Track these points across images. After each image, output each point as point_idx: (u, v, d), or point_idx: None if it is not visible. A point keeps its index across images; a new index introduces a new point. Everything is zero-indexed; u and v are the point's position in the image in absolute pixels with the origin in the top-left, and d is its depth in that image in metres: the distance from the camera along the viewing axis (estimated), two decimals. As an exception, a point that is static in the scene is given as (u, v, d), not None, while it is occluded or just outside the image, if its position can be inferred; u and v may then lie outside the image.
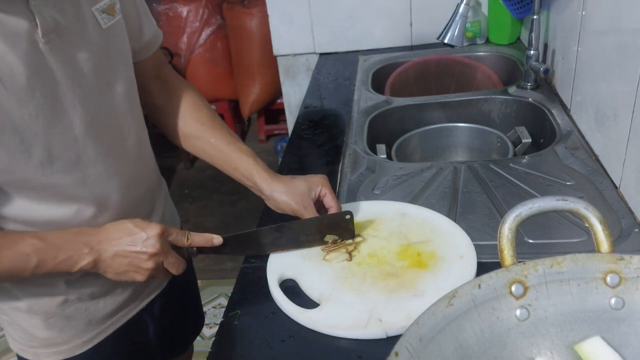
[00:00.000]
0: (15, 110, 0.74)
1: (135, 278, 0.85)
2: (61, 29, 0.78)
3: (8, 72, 0.73)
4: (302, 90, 1.98)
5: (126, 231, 0.83)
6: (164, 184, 1.12)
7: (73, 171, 0.84)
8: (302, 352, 0.82)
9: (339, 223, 0.97)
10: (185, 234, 0.88)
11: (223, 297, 2.46)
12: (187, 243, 0.88)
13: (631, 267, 0.60)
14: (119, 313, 1.01)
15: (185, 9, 3.21)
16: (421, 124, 1.56)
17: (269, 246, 0.97)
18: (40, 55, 0.76)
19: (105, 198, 0.89)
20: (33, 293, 0.91)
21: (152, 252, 0.83)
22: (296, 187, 0.97)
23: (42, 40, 0.76)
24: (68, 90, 0.80)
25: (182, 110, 1.04)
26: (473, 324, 0.60)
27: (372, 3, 1.98)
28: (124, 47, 0.90)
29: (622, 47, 1.05)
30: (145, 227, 0.84)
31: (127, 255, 0.83)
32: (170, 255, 0.86)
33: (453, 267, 0.90)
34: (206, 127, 1.03)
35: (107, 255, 0.83)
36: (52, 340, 0.95)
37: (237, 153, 1.01)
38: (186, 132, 1.03)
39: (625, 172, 1.04)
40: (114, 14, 0.86)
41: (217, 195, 3.20)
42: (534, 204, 0.64)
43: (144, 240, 0.83)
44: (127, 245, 0.83)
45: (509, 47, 1.88)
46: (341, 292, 0.88)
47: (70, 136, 0.82)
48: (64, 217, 0.86)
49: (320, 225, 0.96)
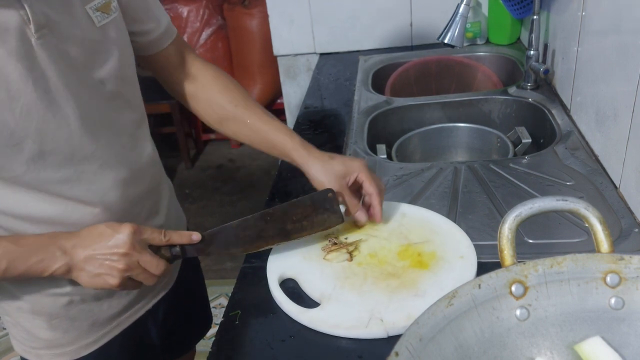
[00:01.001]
0: (5, 104, 0.74)
1: (109, 281, 0.82)
2: (53, 25, 0.78)
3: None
4: (303, 91, 1.98)
5: (98, 234, 0.81)
6: (169, 183, 1.11)
7: (67, 167, 0.83)
8: (302, 352, 0.82)
9: (322, 204, 0.93)
10: (162, 232, 0.84)
11: (223, 297, 2.46)
12: (165, 240, 0.84)
13: (631, 267, 0.60)
14: (124, 314, 1.00)
15: (185, 9, 3.22)
16: (421, 124, 1.56)
17: (256, 240, 0.92)
18: (32, 50, 0.76)
19: (103, 195, 0.89)
20: (36, 294, 0.90)
21: (123, 252, 0.80)
22: (332, 168, 0.96)
23: (34, 36, 0.75)
24: (62, 86, 0.80)
25: (213, 94, 1.03)
26: (473, 323, 0.60)
27: (373, 3, 1.98)
28: (121, 44, 0.90)
29: (622, 47, 1.05)
30: (117, 227, 0.81)
31: (99, 258, 0.80)
32: (145, 254, 0.82)
33: (454, 267, 0.90)
34: (240, 108, 1.02)
35: (80, 258, 0.80)
36: (56, 341, 0.95)
37: (274, 131, 1.00)
38: (222, 115, 1.03)
39: (625, 172, 1.04)
40: (109, 12, 0.86)
41: (217, 195, 3.20)
42: (534, 204, 0.64)
43: (115, 241, 0.80)
44: (99, 247, 0.80)
45: (509, 47, 1.88)
46: (342, 291, 0.88)
47: (65, 132, 0.82)
48: (60, 213, 0.85)
49: (304, 209, 0.93)
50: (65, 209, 0.86)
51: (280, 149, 1.01)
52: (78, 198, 0.86)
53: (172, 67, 1.03)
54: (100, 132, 0.87)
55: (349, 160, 0.98)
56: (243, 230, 0.92)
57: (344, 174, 0.96)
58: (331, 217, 0.94)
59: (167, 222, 1.04)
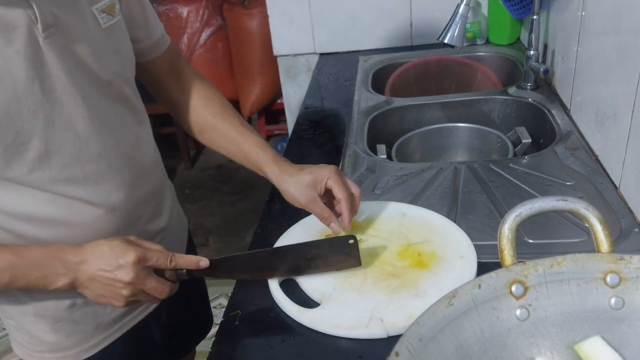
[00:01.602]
0: (12, 103, 0.74)
1: (113, 303, 0.82)
2: (61, 24, 0.78)
3: (3, 65, 0.72)
4: (303, 91, 1.98)
5: (102, 255, 0.80)
6: (171, 185, 1.11)
7: (72, 167, 0.83)
8: (302, 352, 0.82)
9: (342, 248, 0.90)
10: (168, 257, 0.82)
11: (223, 297, 2.46)
12: (171, 266, 0.83)
13: (631, 267, 0.60)
14: (127, 317, 1.00)
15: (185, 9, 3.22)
16: (421, 124, 1.56)
17: (264, 271, 0.91)
18: (40, 49, 0.76)
19: (108, 196, 0.89)
20: (40, 297, 0.90)
21: (127, 281, 0.79)
22: (302, 179, 0.95)
23: (42, 35, 0.75)
24: (69, 86, 0.80)
25: (195, 104, 1.04)
26: (473, 323, 0.60)
27: (373, 3, 1.98)
28: (123, 47, 0.90)
29: (622, 47, 1.05)
30: (120, 253, 0.79)
31: (102, 281, 0.80)
32: (150, 281, 0.81)
33: (454, 267, 0.90)
34: (218, 118, 1.02)
35: (84, 277, 0.80)
36: (60, 344, 0.94)
37: (248, 144, 1.00)
38: (201, 124, 1.04)
39: (625, 172, 1.04)
40: (113, 14, 0.86)
41: (217, 196, 3.20)
42: (534, 204, 0.64)
43: (118, 268, 0.78)
44: (102, 270, 0.79)
45: (508, 47, 1.88)
46: (342, 291, 0.88)
47: (71, 132, 0.82)
48: (64, 214, 0.85)
49: (320, 250, 0.90)
50: (69, 210, 0.85)
51: (253, 162, 1.00)
52: (82, 198, 0.86)
53: (162, 74, 1.03)
54: (106, 133, 0.87)
55: (317, 168, 0.96)
56: (253, 262, 0.91)
57: (314, 184, 0.94)
58: (348, 260, 0.91)
59: (169, 224, 1.05)
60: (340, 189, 0.94)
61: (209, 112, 1.03)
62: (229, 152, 1.03)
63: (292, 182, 0.95)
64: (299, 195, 0.95)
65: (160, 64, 1.02)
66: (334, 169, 0.96)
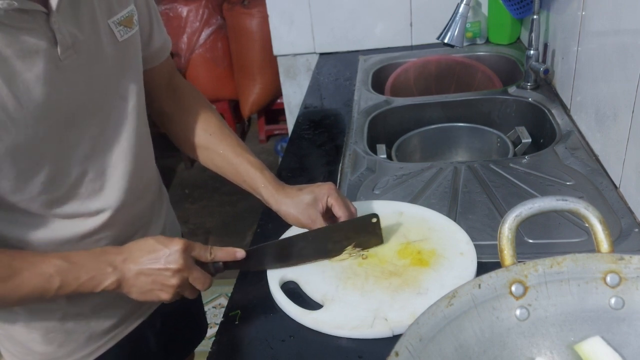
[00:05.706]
0: (30, 128, 0.74)
1: (161, 297, 0.82)
2: (78, 45, 0.77)
3: (25, 90, 0.72)
4: (302, 91, 1.98)
5: (148, 248, 0.81)
6: (166, 194, 1.10)
7: (78, 187, 0.83)
8: (302, 351, 0.82)
9: (365, 227, 0.94)
10: (208, 249, 0.85)
11: (223, 297, 2.46)
12: (210, 258, 0.85)
13: (631, 267, 0.60)
14: (121, 326, 0.99)
15: (185, 9, 3.21)
16: (421, 124, 1.56)
17: (295, 257, 0.94)
18: (58, 72, 0.75)
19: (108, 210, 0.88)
20: (32, 307, 0.89)
21: (176, 268, 0.80)
22: (302, 199, 0.95)
23: (60, 58, 0.75)
24: (82, 106, 0.80)
25: (190, 120, 1.02)
26: (473, 323, 0.60)
27: (373, 3, 1.98)
28: (137, 59, 0.90)
29: (622, 47, 1.05)
30: (167, 243, 0.81)
31: (151, 273, 0.80)
32: (195, 270, 0.83)
33: (454, 264, 0.91)
34: (214, 138, 1.01)
35: (131, 274, 0.80)
36: (51, 355, 0.93)
37: (245, 165, 0.99)
38: (195, 142, 1.02)
39: (625, 172, 1.04)
40: (131, 26, 0.85)
41: (217, 196, 3.20)
42: (534, 204, 0.64)
43: (167, 257, 0.80)
44: (150, 262, 0.80)
45: (509, 47, 1.88)
46: (345, 292, 0.88)
47: (80, 153, 0.82)
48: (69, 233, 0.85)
49: (347, 231, 0.94)
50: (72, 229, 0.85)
51: (250, 184, 0.99)
52: (86, 215, 0.86)
53: (157, 85, 1.02)
54: (112, 151, 0.87)
55: (316, 187, 0.96)
56: (284, 249, 0.93)
57: (314, 202, 0.95)
58: (372, 239, 0.95)
59: (162, 233, 1.04)
60: (341, 206, 0.95)
61: (205, 130, 1.02)
62: (224, 171, 1.02)
63: (292, 203, 0.95)
64: (301, 216, 0.94)
65: (157, 74, 1.01)
66: (333, 187, 0.96)
